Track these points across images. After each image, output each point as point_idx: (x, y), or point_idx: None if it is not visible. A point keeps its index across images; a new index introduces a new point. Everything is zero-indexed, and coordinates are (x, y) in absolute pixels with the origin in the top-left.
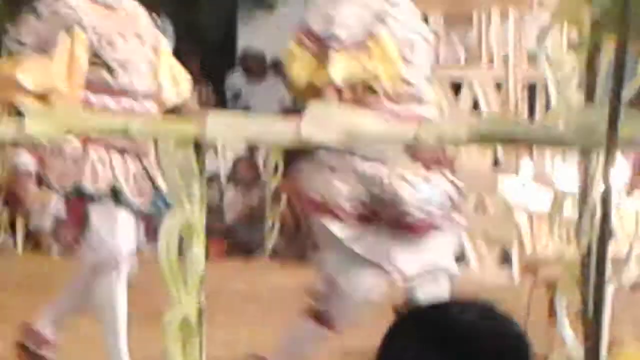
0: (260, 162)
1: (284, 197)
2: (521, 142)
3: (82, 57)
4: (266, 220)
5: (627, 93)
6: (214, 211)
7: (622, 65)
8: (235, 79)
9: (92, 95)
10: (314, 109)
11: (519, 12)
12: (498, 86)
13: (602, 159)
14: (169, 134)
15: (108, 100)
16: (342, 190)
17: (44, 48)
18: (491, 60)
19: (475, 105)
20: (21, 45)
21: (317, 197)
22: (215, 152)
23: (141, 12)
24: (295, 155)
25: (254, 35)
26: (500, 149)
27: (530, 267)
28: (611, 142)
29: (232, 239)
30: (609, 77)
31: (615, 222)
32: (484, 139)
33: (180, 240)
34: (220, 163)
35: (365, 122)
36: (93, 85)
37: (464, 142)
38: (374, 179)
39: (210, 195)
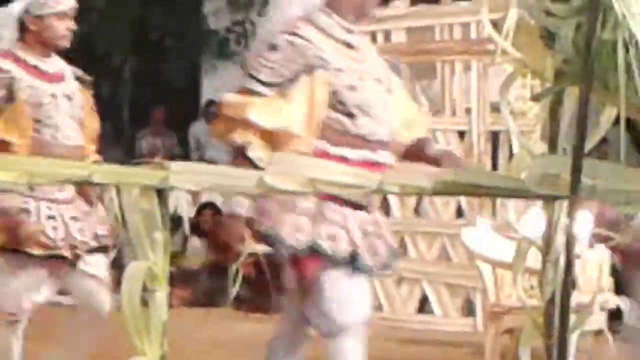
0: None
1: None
2: (484, 192)
3: (323, 100)
4: (230, 268)
5: (589, 143)
6: (176, 258)
7: (585, 116)
8: (198, 128)
9: (328, 144)
10: (277, 157)
11: (482, 64)
12: (461, 136)
13: (564, 208)
14: (132, 182)
15: (345, 151)
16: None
17: (282, 86)
18: (454, 111)
19: None
20: (257, 82)
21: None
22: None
23: (374, 51)
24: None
25: (217, 85)
26: (463, 199)
27: (494, 316)
28: (574, 192)
29: (196, 288)
30: (571, 127)
31: (578, 271)
32: (447, 189)
33: (143, 289)
34: (184, 210)
35: (330, 171)
36: (329, 132)
37: (428, 192)
38: None
39: (173, 242)
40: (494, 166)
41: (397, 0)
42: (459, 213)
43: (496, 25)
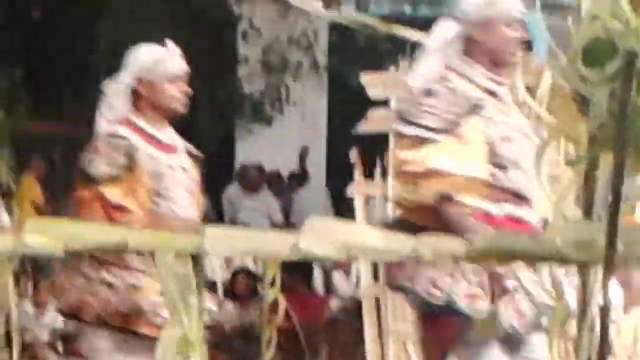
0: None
1: (281, 310)
2: (519, 258)
3: (483, 147)
4: (263, 334)
5: (624, 209)
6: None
7: (620, 182)
8: (232, 192)
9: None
10: (312, 222)
11: None
12: None
13: (600, 274)
14: (168, 247)
15: (490, 206)
16: None
17: (448, 130)
18: None
19: None
20: (422, 128)
21: None
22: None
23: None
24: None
25: (251, 148)
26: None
27: None
28: (609, 258)
29: (229, 353)
30: (606, 193)
31: (613, 336)
32: (482, 255)
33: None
34: (218, 275)
35: (365, 235)
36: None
37: (462, 259)
38: None
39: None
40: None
41: None
42: None
43: (529, 89)
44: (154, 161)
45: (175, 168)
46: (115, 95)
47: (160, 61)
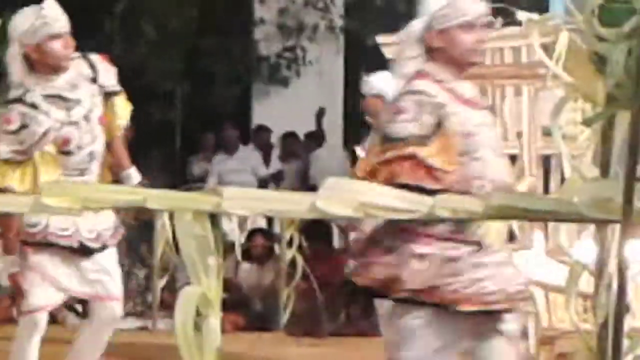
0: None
1: (299, 270)
2: (537, 216)
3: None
4: (281, 293)
5: None
6: (229, 284)
7: (637, 139)
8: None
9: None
10: (329, 182)
11: (533, 88)
12: (512, 160)
13: (617, 232)
14: (186, 207)
15: None
16: None
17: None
18: (505, 135)
19: None
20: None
21: None
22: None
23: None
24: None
25: (267, 110)
26: (515, 223)
27: (547, 340)
28: (627, 216)
29: (248, 313)
30: (623, 151)
31: (631, 295)
32: (499, 213)
33: (196, 314)
34: (236, 236)
35: (382, 195)
36: None
37: (480, 217)
38: None
39: (225, 267)
40: (546, 190)
41: None
42: (511, 237)
43: (547, 49)
44: (459, 118)
45: (482, 125)
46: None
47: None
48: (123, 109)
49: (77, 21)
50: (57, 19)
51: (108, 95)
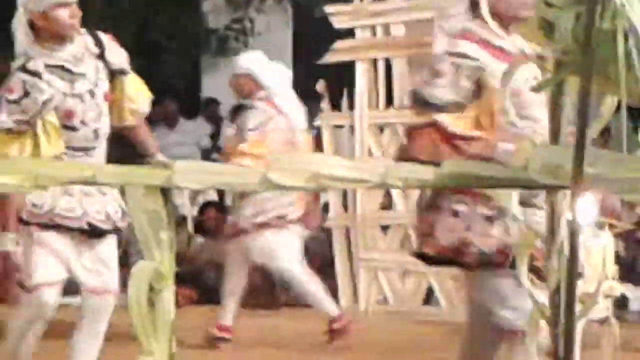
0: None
1: None
2: (488, 183)
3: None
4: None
5: (591, 132)
6: (181, 257)
7: (586, 106)
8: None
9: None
10: (280, 155)
11: None
12: None
13: (568, 197)
14: (137, 182)
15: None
16: None
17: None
18: None
19: None
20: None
21: None
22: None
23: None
24: None
25: (217, 82)
26: None
27: None
28: (577, 181)
29: (201, 286)
30: (572, 117)
31: (583, 260)
32: (450, 181)
33: (150, 289)
34: (188, 209)
35: (333, 166)
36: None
37: (430, 185)
38: None
39: (178, 241)
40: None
41: None
42: None
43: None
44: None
45: (530, 82)
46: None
47: None
48: (136, 91)
49: None
50: None
51: (116, 74)
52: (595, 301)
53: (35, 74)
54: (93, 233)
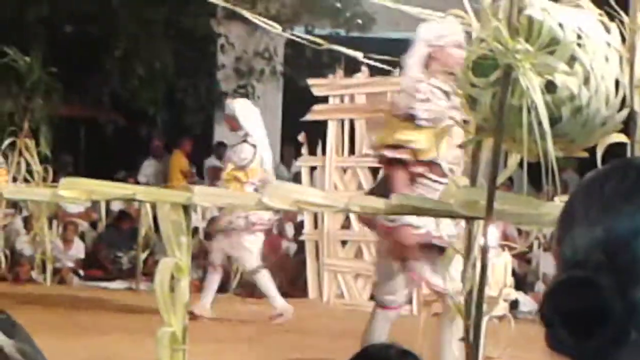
0: None
1: None
2: (422, 213)
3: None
4: (232, 265)
5: (500, 178)
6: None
7: (497, 159)
8: (211, 162)
9: None
10: (272, 185)
11: None
12: None
13: (481, 225)
14: (165, 199)
15: None
16: None
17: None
18: None
19: None
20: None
21: None
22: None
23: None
24: None
25: (226, 131)
26: None
27: (427, 303)
28: (488, 214)
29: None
30: (487, 167)
31: (489, 272)
32: (395, 209)
33: (171, 278)
34: (199, 222)
35: (309, 195)
36: None
37: (381, 212)
38: None
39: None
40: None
41: (359, 73)
42: None
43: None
44: None
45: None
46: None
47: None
48: None
49: (85, 60)
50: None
51: None
52: (497, 302)
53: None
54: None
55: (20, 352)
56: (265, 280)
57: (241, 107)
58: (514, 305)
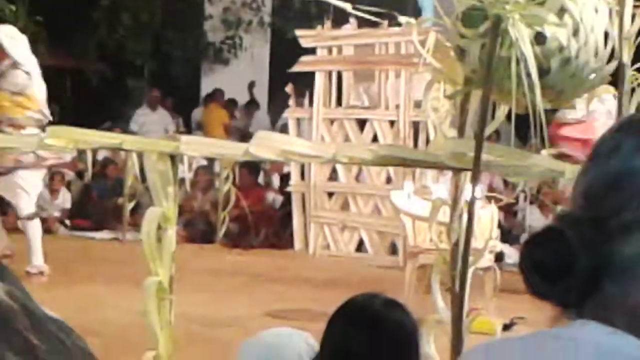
0: (216, 171)
1: (232, 198)
2: (410, 164)
3: None
4: (218, 216)
5: (487, 130)
6: (180, 207)
7: (485, 111)
8: (197, 113)
9: None
10: (259, 134)
11: (409, 72)
12: (392, 124)
13: (468, 177)
14: (152, 149)
15: None
16: None
17: None
18: (387, 106)
19: (375, 138)
20: None
21: None
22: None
23: None
24: None
25: (212, 83)
26: (392, 169)
27: (412, 255)
28: (476, 166)
29: (193, 229)
30: (475, 119)
31: (475, 223)
32: (382, 160)
33: (158, 227)
34: (185, 173)
35: (297, 145)
36: None
37: (368, 163)
38: None
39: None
40: (415, 145)
41: (347, 24)
42: (389, 180)
43: (421, 44)
44: None
45: None
46: None
47: None
48: None
49: (71, 12)
50: None
51: None
52: (483, 254)
53: None
54: None
55: (9, 294)
56: (35, 231)
57: (5, 35)
58: (499, 257)
